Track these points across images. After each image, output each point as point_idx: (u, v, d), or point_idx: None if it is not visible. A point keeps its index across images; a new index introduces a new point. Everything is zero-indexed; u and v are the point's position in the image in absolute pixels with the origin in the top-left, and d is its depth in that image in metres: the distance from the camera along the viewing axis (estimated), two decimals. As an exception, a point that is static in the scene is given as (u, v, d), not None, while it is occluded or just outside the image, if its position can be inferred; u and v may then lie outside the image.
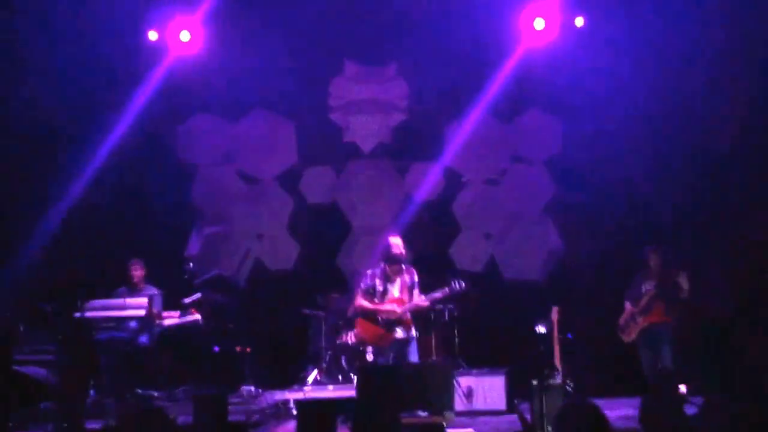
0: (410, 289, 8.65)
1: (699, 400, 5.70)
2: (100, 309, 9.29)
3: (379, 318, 8.61)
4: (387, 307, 8.59)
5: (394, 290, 8.68)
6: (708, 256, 9.87)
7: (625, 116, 10.58)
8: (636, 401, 5.20)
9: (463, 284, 8.61)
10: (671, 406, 5.09)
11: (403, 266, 8.72)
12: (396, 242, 8.69)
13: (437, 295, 8.65)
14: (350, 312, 10.20)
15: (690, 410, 5.45)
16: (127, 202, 11.20)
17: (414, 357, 8.66)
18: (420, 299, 8.61)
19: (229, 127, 11.72)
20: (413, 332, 8.70)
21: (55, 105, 10.62)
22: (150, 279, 10.10)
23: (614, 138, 10.57)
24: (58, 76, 10.57)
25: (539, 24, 10.83)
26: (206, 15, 10.85)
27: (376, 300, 8.65)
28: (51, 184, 10.84)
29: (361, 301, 8.73)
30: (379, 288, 8.67)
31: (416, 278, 8.70)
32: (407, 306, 8.57)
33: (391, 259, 8.64)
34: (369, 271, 8.83)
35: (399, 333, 8.59)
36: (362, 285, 8.78)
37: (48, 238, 10.66)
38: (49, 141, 10.85)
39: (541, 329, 8.59)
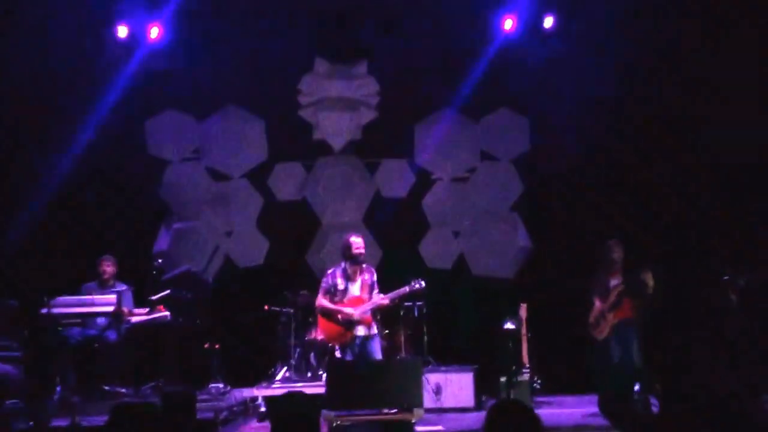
0: (370, 288, 8.72)
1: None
2: (67, 305, 9.19)
3: (339, 317, 8.66)
4: (346, 310, 8.63)
5: (355, 289, 8.73)
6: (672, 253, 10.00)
7: (592, 114, 10.68)
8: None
9: (423, 283, 8.68)
10: (625, 399, 5.15)
11: (364, 265, 8.78)
12: (357, 241, 8.73)
13: (397, 293, 8.73)
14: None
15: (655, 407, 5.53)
16: (95, 196, 11.11)
17: (377, 353, 8.70)
18: (379, 298, 8.67)
19: (199, 123, 11.66)
20: (374, 329, 8.77)
21: (23, 102, 10.52)
22: (119, 275, 10.04)
23: (581, 136, 10.68)
24: (26, 71, 10.47)
25: (508, 23, 10.94)
26: (176, 11, 10.79)
27: (336, 299, 8.70)
28: (19, 180, 10.74)
29: (322, 301, 8.77)
30: (340, 287, 8.72)
31: (375, 277, 8.78)
32: (365, 306, 8.63)
33: (352, 259, 8.70)
34: (330, 270, 8.88)
35: (360, 330, 8.65)
36: (323, 284, 8.82)
37: (17, 233, 10.55)
38: (18, 137, 10.74)
39: (509, 326, 8.68)
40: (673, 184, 10.60)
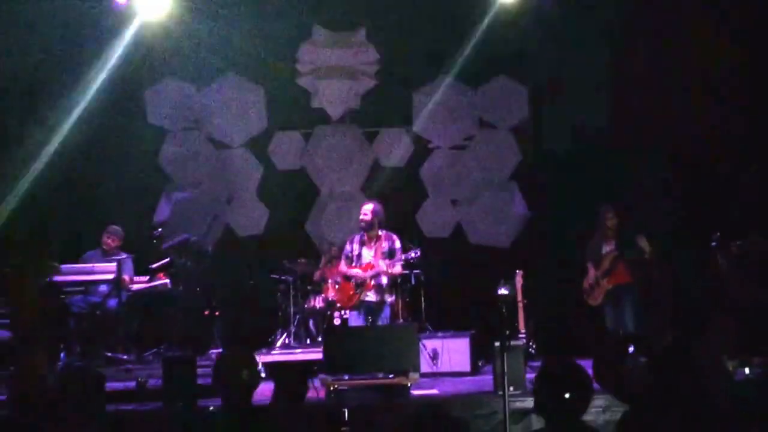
0: (388, 255, 8.93)
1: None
2: (69, 273, 9.29)
3: (353, 280, 8.97)
4: (353, 271, 8.99)
5: (368, 255, 8.98)
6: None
7: (590, 81, 10.68)
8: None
9: (419, 252, 8.91)
10: (618, 365, 5.23)
11: (381, 233, 8.95)
12: (365, 209, 8.99)
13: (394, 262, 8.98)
14: (316, 276, 10.38)
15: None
16: (95, 166, 11.16)
17: (384, 322, 8.89)
18: (386, 265, 8.83)
19: (199, 92, 11.68)
20: (387, 297, 8.95)
21: (21, 70, 10.52)
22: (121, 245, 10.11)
23: (580, 105, 10.69)
24: (24, 39, 10.45)
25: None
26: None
27: (353, 264, 9.03)
28: (18, 150, 10.78)
29: (342, 266, 9.18)
30: (355, 252, 9.05)
31: (397, 245, 8.98)
32: (372, 271, 8.85)
33: (361, 226, 8.91)
34: (350, 237, 9.23)
35: (369, 296, 8.91)
36: (344, 251, 9.21)
37: (17, 202, 10.60)
38: (17, 105, 10.77)
39: (503, 291, 8.74)
40: (671, 148, 10.58)
